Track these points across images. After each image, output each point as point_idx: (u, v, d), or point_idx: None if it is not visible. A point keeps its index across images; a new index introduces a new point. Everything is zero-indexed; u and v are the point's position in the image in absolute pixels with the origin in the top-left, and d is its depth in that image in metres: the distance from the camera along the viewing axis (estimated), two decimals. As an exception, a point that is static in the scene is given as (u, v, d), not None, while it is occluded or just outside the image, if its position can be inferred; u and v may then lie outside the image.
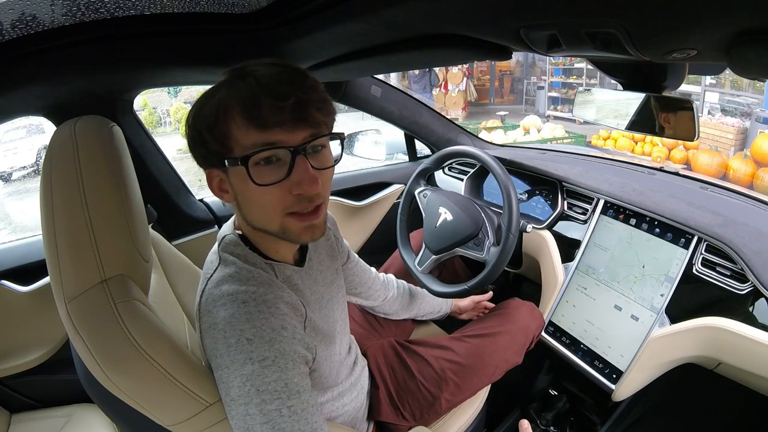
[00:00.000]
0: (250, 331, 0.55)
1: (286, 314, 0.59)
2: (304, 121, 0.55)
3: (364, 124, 2.18)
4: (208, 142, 0.56)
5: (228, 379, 0.54)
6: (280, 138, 0.55)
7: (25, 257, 1.14)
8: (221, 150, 0.56)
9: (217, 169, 0.59)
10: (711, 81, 5.54)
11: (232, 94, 0.54)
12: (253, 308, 0.57)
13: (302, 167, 0.56)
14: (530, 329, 1.05)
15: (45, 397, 1.18)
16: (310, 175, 0.56)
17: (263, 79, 0.54)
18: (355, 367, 0.86)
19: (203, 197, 1.39)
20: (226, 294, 0.58)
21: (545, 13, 0.52)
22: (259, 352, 0.54)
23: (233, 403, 0.54)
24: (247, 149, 0.55)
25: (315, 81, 0.58)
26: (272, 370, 0.54)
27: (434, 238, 1.18)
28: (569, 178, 1.26)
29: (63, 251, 0.57)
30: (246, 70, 0.56)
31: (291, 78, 0.55)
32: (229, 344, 0.55)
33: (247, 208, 0.61)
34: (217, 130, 0.55)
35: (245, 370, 0.53)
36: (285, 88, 0.54)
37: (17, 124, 5.51)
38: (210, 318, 0.58)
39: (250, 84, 0.54)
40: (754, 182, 4.38)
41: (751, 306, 0.88)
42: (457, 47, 0.70)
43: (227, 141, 0.55)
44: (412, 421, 0.91)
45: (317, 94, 0.57)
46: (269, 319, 0.57)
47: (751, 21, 0.38)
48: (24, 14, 0.68)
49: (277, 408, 0.53)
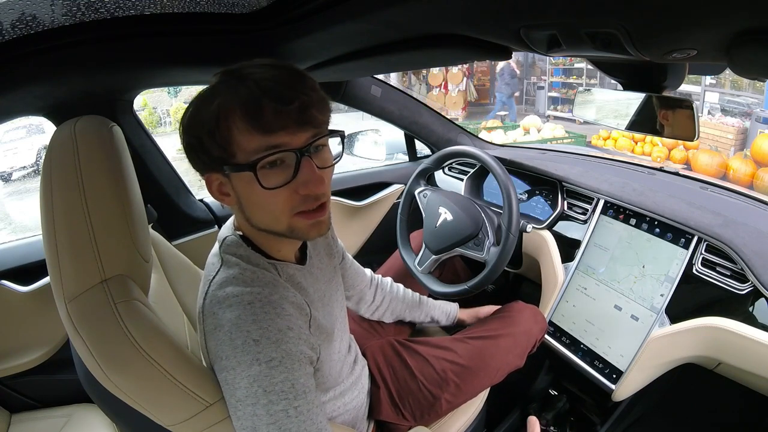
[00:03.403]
0: (256, 332, 0.55)
1: (291, 314, 0.59)
2: (307, 123, 0.55)
3: (364, 124, 2.18)
4: (210, 149, 0.56)
5: (234, 381, 0.54)
6: (285, 141, 0.55)
7: (25, 257, 1.14)
8: (223, 155, 0.56)
9: (217, 173, 0.59)
10: (711, 81, 5.55)
11: (232, 98, 0.54)
12: (258, 309, 0.57)
13: (308, 168, 0.56)
14: (533, 333, 1.05)
15: (45, 397, 1.18)
16: (317, 176, 0.57)
17: (263, 82, 0.54)
18: (355, 366, 0.86)
19: (203, 197, 1.39)
20: (231, 295, 0.58)
21: (545, 13, 0.52)
22: (266, 353, 0.54)
23: (240, 404, 0.54)
24: (251, 154, 0.54)
25: (313, 81, 0.58)
26: (279, 370, 0.54)
27: (434, 238, 1.18)
28: (569, 178, 1.26)
29: (63, 251, 0.57)
30: (243, 72, 0.55)
31: (291, 80, 0.55)
32: (236, 345, 0.55)
33: (252, 211, 0.61)
34: (219, 135, 0.55)
35: (252, 371, 0.53)
36: (287, 91, 0.54)
37: (17, 124, 5.51)
38: (215, 320, 0.58)
39: (250, 87, 0.53)
40: (754, 182, 4.38)
41: (751, 306, 0.88)
42: (457, 47, 0.70)
43: (229, 146, 0.55)
44: (413, 421, 0.91)
45: (317, 95, 0.57)
46: (275, 319, 0.57)
47: (751, 21, 0.38)
48: (24, 14, 0.68)
49: (284, 408, 0.53)
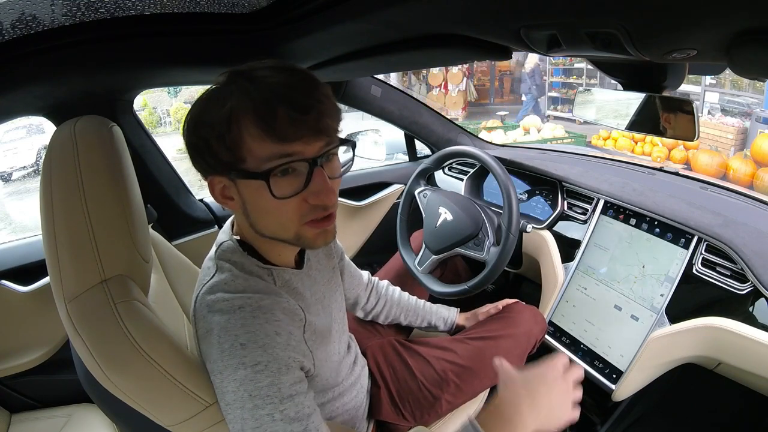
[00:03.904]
0: (244, 336, 0.55)
1: (281, 320, 0.59)
2: (322, 132, 0.55)
3: (364, 124, 2.18)
4: (218, 152, 0.54)
5: (222, 384, 0.55)
6: (299, 150, 0.54)
7: (25, 257, 1.14)
8: (232, 160, 0.54)
9: (222, 176, 0.57)
10: (711, 81, 5.54)
11: (245, 102, 0.52)
12: (248, 314, 0.56)
13: (320, 178, 0.56)
14: (533, 333, 1.05)
15: (45, 397, 1.18)
16: (328, 187, 0.56)
17: (278, 87, 0.53)
18: (354, 366, 0.86)
19: (203, 197, 1.39)
20: (221, 300, 0.58)
21: (545, 13, 0.52)
22: (252, 356, 0.54)
23: (229, 407, 0.54)
24: (263, 161, 0.53)
25: (327, 87, 0.57)
26: (265, 375, 0.54)
27: (434, 238, 1.18)
28: (569, 178, 1.26)
29: (63, 251, 0.57)
30: (254, 75, 0.54)
31: (307, 87, 0.54)
32: (223, 349, 0.55)
33: (258, 218, 0.60)
34: (229, 139, 0.53)
35: (238, 375, 0.53)
36: (304, 98, 0.53)
37: (17, 124, 5.51)
38: (205, 324, 0.58)
39: (264, 92, 0.52)
40: (754, 182, 4.38)
41: (751, 306, 0.87)
42: (457, 47, 0.70)
43: (239, 151, 0.54)
44: (412, 421, 0.91)
45: (330, 102, 0.56)
46: (264, 325, 0.56)
47: (751, 21, 0.38)
48: (24, 14, 0.68)
49: (269, 413, 0.53)
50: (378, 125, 1.59)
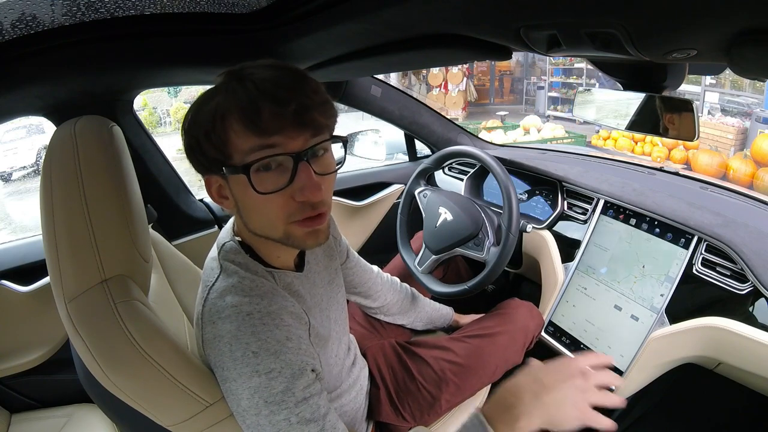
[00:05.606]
0: (255, 345, 0.54)
1: (290, 325, 0.59)
2: (305, 125, 0.54)
3: (364, 124, 2.18)
4: (206, 150, 0.55)
5: (237, 392, 0.54)
6: (280, 143, 0.53)
7: (25, 257, 1.14)
8: (220, 157, 0.54)
9: (216, 175, 0.58)
10: (711, 81, 5.55)
11: (229, 99, 0.53)
12: (257, 321, 0.56)
13: (305, 173, 0.54)
14: (529, 329, 1.05)
15: (45, 397, 1.18)
16: (314, 182, 0.55)
17: (262, 83, 0.52)
18: (353, 368, 0.86)
19: (203, 197, 1.39)
20: (230, 306, 0.57)
21: (545, 13, 0.52)
22: (266, 364, 0.54)
23: (245, 413, 0.54)
24: (246, 155, 0.53)
25: (316, 83, 0.56)
26: (279, 381, 0.54)
27: (434, 238, 1.18)
28: (569, 178, 1.26)
29: (63, 251, 0.57)
30: (243, 73, 0.54)
31: (291, 81, 0.54)
32: (235, 358, 0.54)
33: (248, 216, 0.60)
34: (215, 136, 0.53)
35: (252, 382, 0.53)
36: (285, 92, 0.52)
37: (17, 124, 5.52)
38: (214, 329, 0.57)
39: (248, 88, 0.52)
40: (754, 182, 4.38)
41: (751, 306, 0.87)
42: (457, 47, 0.70)
43: (226, 148, 0.54)
44: (412, 422, 0.91)
45: (319, 97, 0.55)
46: (273, 331, 0.56)
47: (751, 21, 0.38)
48: (24, 14, 0.68)
49: (285, 417, 0.53)
50: (378, 125, 1.59)
